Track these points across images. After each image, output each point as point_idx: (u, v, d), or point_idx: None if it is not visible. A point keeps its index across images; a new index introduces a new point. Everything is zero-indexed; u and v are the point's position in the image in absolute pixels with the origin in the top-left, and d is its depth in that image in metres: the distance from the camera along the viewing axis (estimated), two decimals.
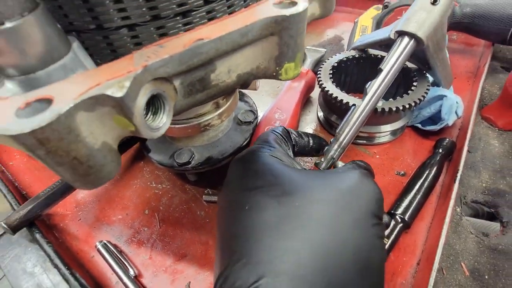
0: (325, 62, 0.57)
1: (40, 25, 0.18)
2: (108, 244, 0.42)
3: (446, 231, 0.36)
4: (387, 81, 0.43)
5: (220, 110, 0.45)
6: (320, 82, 0.53)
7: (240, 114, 0.53)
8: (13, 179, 0.54)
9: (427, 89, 0.49)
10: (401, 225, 0.39)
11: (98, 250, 0.42)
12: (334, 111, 0.55)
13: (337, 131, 0.42)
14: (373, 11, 0.84)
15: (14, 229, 0.40)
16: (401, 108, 0.46)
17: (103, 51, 0.26)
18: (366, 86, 0.44)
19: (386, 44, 0.52)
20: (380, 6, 0.83)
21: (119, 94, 0.16)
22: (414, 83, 0.50)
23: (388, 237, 0.38)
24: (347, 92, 0.65)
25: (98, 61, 0.27)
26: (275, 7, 0.22)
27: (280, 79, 0.27)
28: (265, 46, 0.24)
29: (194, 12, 0.26)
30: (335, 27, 0.93)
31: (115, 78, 0.17)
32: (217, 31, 0.20)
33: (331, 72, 0.55)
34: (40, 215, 0.44)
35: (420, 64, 0.52)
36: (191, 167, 0.46)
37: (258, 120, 0.55)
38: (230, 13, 0.28)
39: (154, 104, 0.22)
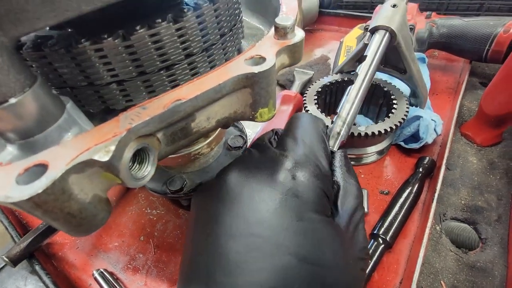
0: (311, 86, 0.60)
1: (38, 97, 0.21)
2: (105, 272, 0.44)
3: (424, 252, 0.38)
4: (375, 63, 0.45)
5: (209, 139, 0.47)
6: (305, 105, 0.56)
7: (230, 140, 0.55)
8: (14, 209, 0.56)
9: (406, 111, 0.52)
10: (383, 245, 0.41)
11: (95, 279, 0.43)
12: None
13: (338, 109, 0.42)
14: (358, 31, 0.88)
15: (15, 261, 0.42)
16: (383, 132, 0.48)
17: (95, 103, 0.29)
18: (357, 70, 0.46)
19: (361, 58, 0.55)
20: (364, 24, 0.86)
21: (105, 158, 0.19)
22: (395, 106, 0.53)
23: (371, 257, 0.40)
24: (334, 113, 0.69)
25: (90, 110, 0.30)
26: (246, 63, 0.25)
27: (257, 121, 0.29)
28: (240, 96, 0.27)
29: (177, 66, 0.28)
30: (322, 46, 0.96)
31: (102, 143, 0.20)
32: (193, 90, 0.23)
33: (316, 95, 0.58)
34: (39, 246, 0.46)
35: (396, 69, 0.55)
36: (184, 193, 0.48)
37: (248, 145, 0.57)
38: (212, 67, 0.31)
39: (139, 155, 0.24)
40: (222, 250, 0.25)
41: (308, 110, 0.55)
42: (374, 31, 0.48)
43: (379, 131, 0.48)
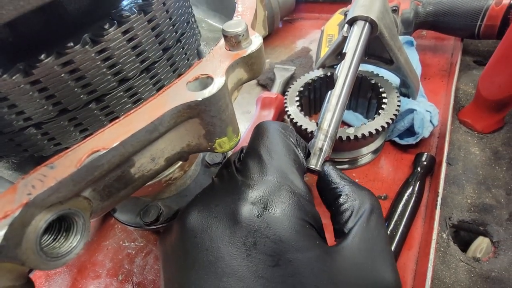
0: (293, 84, 0.55)
1: None
2: None
3: (432, 267, 0.33)
4: (355, 62, 0.40)
5: (181, 162, 0.42)
6: (285, 107, 0.51)
7: (208, 156, 0.50)
8: None
9: (398, 105, 0.46)
10: None
11: None
12: (300, 135, 0.52)
13: (318, 121, 0.37)
14: (339, 17, 0.82)
15: None
16: (374, 132, 0.43)
17: (14, 151, 0.23)
18: (336, 72, 0.40)
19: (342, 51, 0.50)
20: (345, 9, 0.80)
21: None
22: (385, 100, 0.47)
23: None
24: (320, 111, 0.64)
25: (13, 160, 0.24)
26: (189, 88, 0.20)
27: (217, 152, 0.24)
28: (189, 127, 0.21)
29: (109, 96, 0.23)
30: (303, 37, 0.90)
31: None
32: (117, 134, 0.17)
33: (298, 95, 0.52)
34: None
35: (381, 60, 0.49)
36: (161, 223, 0.43)
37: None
38: (159, 88, 0.25)
39: (64, 220, 0.19)
40: None
41: (290, 114, 0.49)
42: (352, 22, 0.42)
43: (370, 132, 0.43)
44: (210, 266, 0.21)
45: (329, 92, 0.39)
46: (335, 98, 0.37)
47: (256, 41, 0.22)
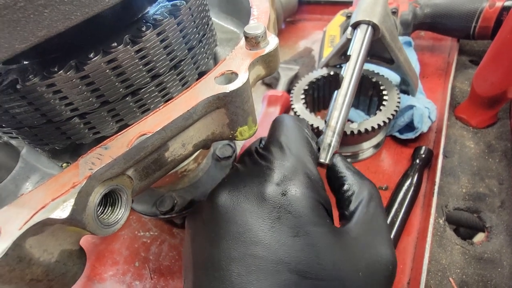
0: (298, 82, 0.58)
1: None
2: None
3: (429, 249, 0.36)
4: (360, 63, 0.43)
5: (195, 155, 0.45)
6: (291, 104, 0.54)
7: (218, 150, 0.53)
8: None
9: (398, 102, 0.49)
10: None
11: None
12: None
13: (326, 118, 0.40)
14: (340, 18, 0.85)
15: None
16: (376, 127, 0.46)
17: (59, 139, 0.26)
18: (341, 73, 0.44)
19: (345, 52, 0.53)
20: (347, 10, 0.84)
21: (64, 214, 0.17)
22: (385, 97, 0.51)
23: None
24: (324, 108, 0.67)
25: (56, 147, 0.27)
26: (217, 81, 0.23)
27: (238, 140, 0.27)
28: (215, 117, 0.24)
29: (143, 90, 0.26)
30: (306, 38, 0.93)
31: (60, 197, 0.17)
32: (159, 121, 0.21)
33: (304, 92, 0.56)
34: None
35: (383, 60, 0.53)
36: (175, 213, 0.46)
37: (238, 153, 0.55)
38: (183, 84, 0.28)
39: (110, 196, 0.22)
40: (224, 273, 0.24)
41: (296, 111, 0.52)
42: (355, 26, 0.45)
43: (372, 127, 0.46)
44: (239, 237, 0.25)
45: (336, 91, 0.42)
46: (342, 97, 0.41)
47: (273, 41, 0.25)
